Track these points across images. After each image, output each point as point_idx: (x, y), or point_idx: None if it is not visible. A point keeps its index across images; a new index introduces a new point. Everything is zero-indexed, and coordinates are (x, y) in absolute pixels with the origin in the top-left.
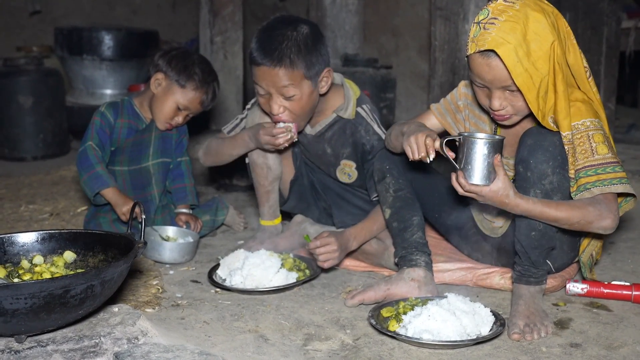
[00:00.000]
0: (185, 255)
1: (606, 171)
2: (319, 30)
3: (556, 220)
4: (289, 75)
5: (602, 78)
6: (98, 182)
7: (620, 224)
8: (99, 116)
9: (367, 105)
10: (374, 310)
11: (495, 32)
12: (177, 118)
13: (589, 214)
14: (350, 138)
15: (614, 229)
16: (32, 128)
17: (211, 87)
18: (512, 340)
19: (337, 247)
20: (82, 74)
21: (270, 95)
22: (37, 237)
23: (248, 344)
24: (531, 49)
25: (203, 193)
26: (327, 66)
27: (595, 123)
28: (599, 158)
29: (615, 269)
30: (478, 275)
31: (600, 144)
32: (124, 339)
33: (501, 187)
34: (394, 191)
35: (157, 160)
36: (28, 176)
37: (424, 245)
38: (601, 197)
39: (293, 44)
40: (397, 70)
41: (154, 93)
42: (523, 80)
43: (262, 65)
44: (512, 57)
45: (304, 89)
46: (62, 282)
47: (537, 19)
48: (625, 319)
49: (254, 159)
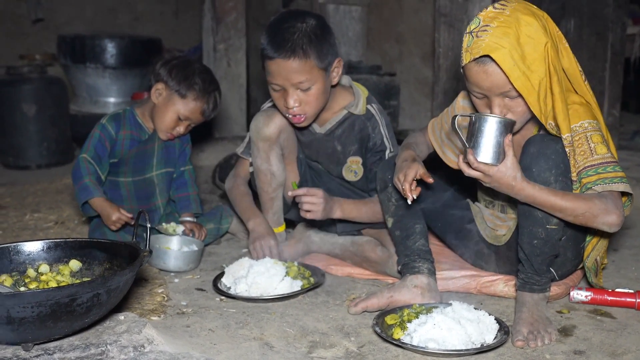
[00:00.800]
0: (190, 263)
1: (606, 170)
2: (326, 22)
3: (561, 209)
4: (302, 66)
5: (606, 84)
6: (84, 193)
7: (624, 230)
8: (99, 129)
9: (376, 105)
10: (378, 317)
11: (489, 38)
12: (178, 128)
13: (595, 207)
14: (358, 134)
15: (619, 226)
16: (35, 136)
17: (212, 97)
18: (516, 347)
19: (322, 201)
20: (85, 82)
21: (284, 90)
22: (42, 245)
23: (253, 351)
24: (526, 52)
25: (207, 201)
26: (337, 56)
27: (593, 124)
28: (598, 158)
29: (619, 276)
30: (482, 283)
31: (599, 144)
32: (130, 347)
33: (509, 168)
34: (396, 200)
35: (161, 170)
36: (32, 184)
37: (427, 252)
38: (606, 193)
39: (304, 34)
40: (400, 77)
41: (155, 103)
42: (522, 83)
43: (276, 58)
44: (508, 61)
45: (318, 80)
46: (68, 291)
47: (528, 22)
48: (629, 326)
49: (258, 165)
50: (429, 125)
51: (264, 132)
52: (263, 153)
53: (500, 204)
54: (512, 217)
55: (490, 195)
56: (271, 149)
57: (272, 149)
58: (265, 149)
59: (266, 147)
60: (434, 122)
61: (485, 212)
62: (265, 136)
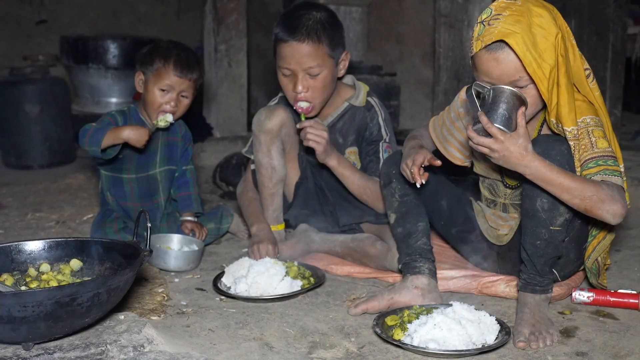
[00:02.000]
0: (190, 263)
1: (607, 163)
2: (337, 16)
3: (569, 189)
4: (315, 51)
5: (608, 84)
6: (100, 133)
7: (626, 231)
8: (109, 116)
9: (377, 98)
10: (378, 318)
11: (501, 25)
12: (166, 105)
13: (603, 192)
14: (357, 124)
15: (622, 217)
16: (38, 136)
17: (178, 57)
18: (517, 348)
19: (327, 137)
20: (87, 82)
21: (294, 75)
22: (44, 245)
23: (253, 351)
24: (537, 40)
25: (208, 201)
26: (345, 49)
27: (595, 120)
28: (599, 151)
29: (621, 277)
30: (483, 283)
31: (600, 139)
32: (130, 347)
33: (522, 136)
34: (399, 196)
35: (164, 167)
36: (34, 184)
37: (428, 251)
38: (610, 183)
39: (318, 21)
40: (401, 77)
41: (141, 93)
42: (534, 70)
43: (290, 41)
44: (522, 46)
45: (327, 67)
46: (69, 290)
47: (540, 13)
48: (631, 327)
49: (259, 159)
50: (430, 123)
51: (266, 124)
52: (264, 146)
53: (502, 202)
54: (514, 217)
55: (492, 194)
56: (272, 142)
57: (274, 143)
58: (266, 142)
59: (267, 140)
60: (434, 119)
61: (487, 211)
62: (266, 129)
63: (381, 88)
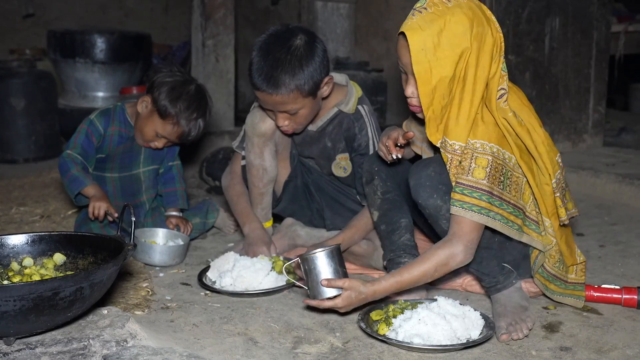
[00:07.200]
0: (176, 257)
1: (472, 195)
2: (315, 37)
3: (417, 281)
4: (286, 99)
5: (592, 82)
6: (76, 184)
7: (610, 227)
8: (87, 124)
9: (367, 107)
10: (363, 313)
11: (417, 19)
12: (155, 142)
13: (440, 258)
14: (345, 132)
15: (469, 259)
16: (24, 130)
17: (194, 124)
18: (501, 343)
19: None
20: (74, 76)
21: (273, 112)
22: (27, 239)
23: (237, 346)
24: (441, 46)
25: (194, 196)
26: (326, 74)
27: (493, 150)
28: (470, 180)
29: (605, 272)
30: (467, 281)
31: (480, 169)
32: (113, 342)
33: (352, 286)
34: (381, 193)
35: (148, 167)
36: (19, 178)
37: (412, 247)
38: (456, 227)
39: (288, 68)
40: (388, 73)
41: (139, 112)
42: (422, 69)
43: (262, 90)
44: (418, 44)
45: (305, 105)
46: (51, 285)
47: (460, 21)
48: (615, 322)
49: (251, 160)
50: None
51: (260, 127)
52: (257, 148)
53: None
54: None
55: None
56: (265, 144)
57: (267, 145)
58: (259, 145)
59: (261, 142)
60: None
61: None
62: (260, 132)
63: (368, 84)
